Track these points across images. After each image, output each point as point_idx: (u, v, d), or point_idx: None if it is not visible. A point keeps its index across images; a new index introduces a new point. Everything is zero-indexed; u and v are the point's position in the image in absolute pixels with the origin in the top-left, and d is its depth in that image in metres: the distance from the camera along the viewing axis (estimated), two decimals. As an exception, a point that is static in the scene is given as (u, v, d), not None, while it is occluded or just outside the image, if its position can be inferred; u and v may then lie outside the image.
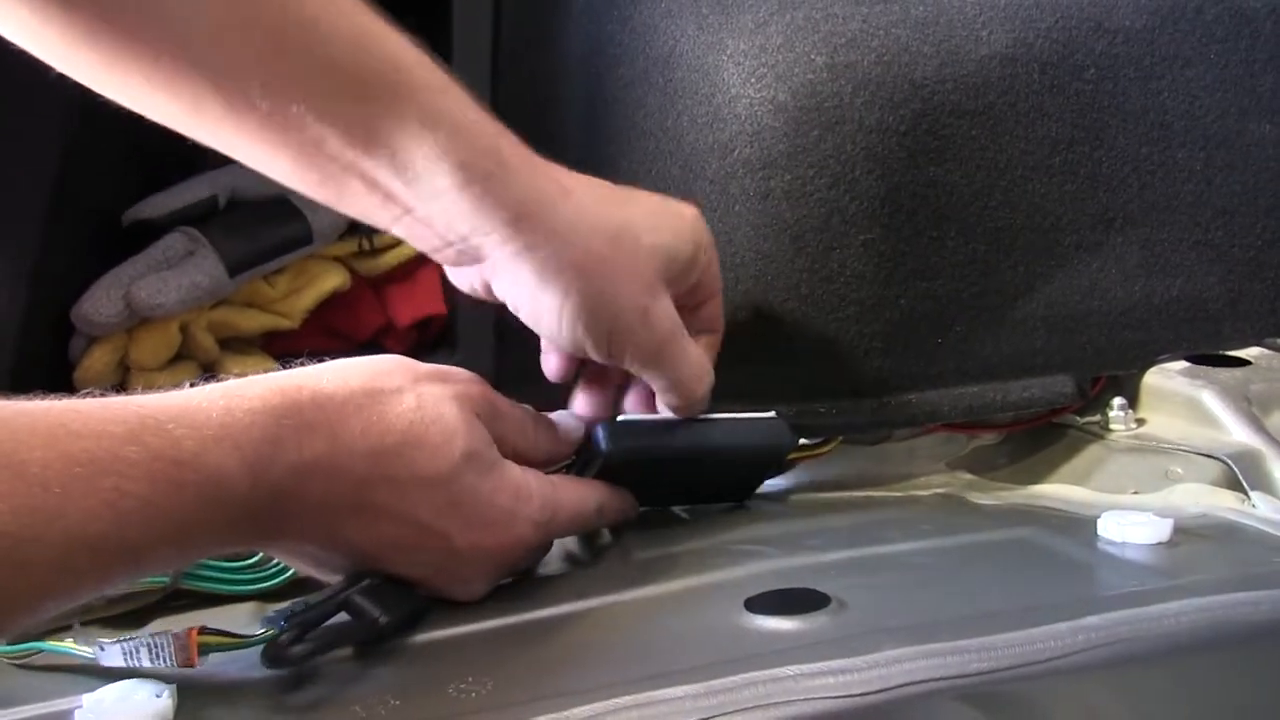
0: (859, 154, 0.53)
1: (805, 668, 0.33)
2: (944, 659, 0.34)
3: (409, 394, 0.42)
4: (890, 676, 0.33)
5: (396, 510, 0.41)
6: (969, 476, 0.59)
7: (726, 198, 0.55)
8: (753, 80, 0.55)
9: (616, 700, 0.33)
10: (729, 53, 0.56)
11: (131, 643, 0.39)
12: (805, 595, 0.41)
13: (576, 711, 0.32)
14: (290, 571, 0.49)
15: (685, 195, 0.58)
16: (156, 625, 0.47)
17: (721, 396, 0.51)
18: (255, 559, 0.49)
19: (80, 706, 0.36)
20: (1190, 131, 0.57)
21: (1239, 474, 0.50)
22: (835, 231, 0.54)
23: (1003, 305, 0.56)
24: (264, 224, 0.74)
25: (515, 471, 0.45)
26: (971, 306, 0.55)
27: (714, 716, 0.32)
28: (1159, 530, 0.44)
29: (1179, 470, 0.52)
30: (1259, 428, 0.52)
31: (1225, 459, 0.51)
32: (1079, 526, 0.48)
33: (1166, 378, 0.57)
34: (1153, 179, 0.57)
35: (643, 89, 0.61)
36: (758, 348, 0.56)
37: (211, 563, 0.49)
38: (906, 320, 0.55)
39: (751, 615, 0.40)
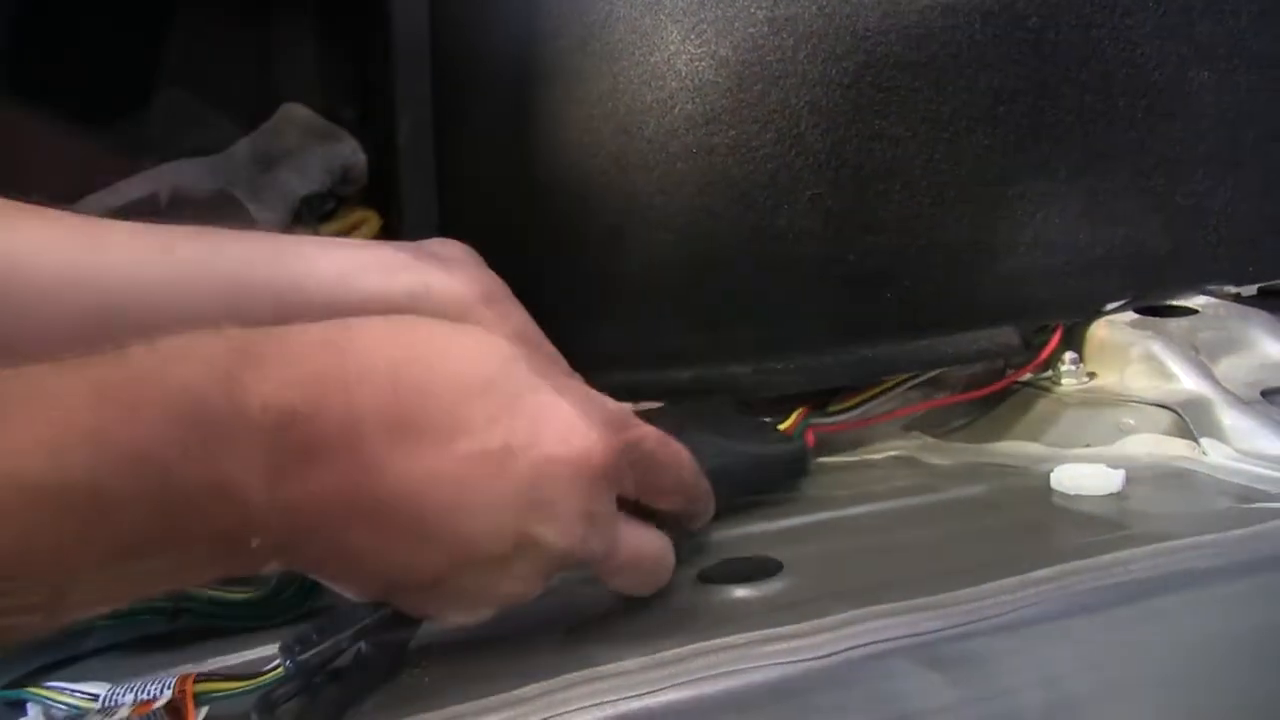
0: (803, 108, 0.52)
1: (756, 634, 0.33)
2: (894, 619, 0.34)
3: (520, 463, 0.32)
4: (842, 639, 0.33)
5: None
6: (924, 438, 0.59)
7: (667, 155, 0.54)
8: (693, 36, 0.54)
9: (568, 675, 0.32)
10: (667, 10, 0.55)
11: (114, 694, 0.34)
12: (758, 563, 0.40)
13: (529, 689, 0.32)
14: (306, 603, 0.42)
15: (619, 158, 0.57)
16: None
17: (677, 360, 0.50)
18: (266, 592, 0.41)
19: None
20: (1131, 80, 0.57)
21: (1189, 422, 0.50)
22: (782, 188, 0.53)
23: (949, 258, 0.55)
24: (207, 219, 0.72)
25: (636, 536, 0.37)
26: (918, 260, 0.55)
27: (666, 687, 0.31)
28: (1111, 481, 0.45)
29: (1131, 421, 0.52)
30: (1207, 375, 0.52)
31: (1175, 408, 0.51)
32: (1032, 481, 0.48)
33: (1116, 330, 0.57)
34: (1094, 128, 0.56)
35: (580, 57, 0.60)
36: (709, 308, 0.55)
37: (214, 596, 0.41)
38: (855, 275, 0.54)
39: (705, 585, 0.39)
